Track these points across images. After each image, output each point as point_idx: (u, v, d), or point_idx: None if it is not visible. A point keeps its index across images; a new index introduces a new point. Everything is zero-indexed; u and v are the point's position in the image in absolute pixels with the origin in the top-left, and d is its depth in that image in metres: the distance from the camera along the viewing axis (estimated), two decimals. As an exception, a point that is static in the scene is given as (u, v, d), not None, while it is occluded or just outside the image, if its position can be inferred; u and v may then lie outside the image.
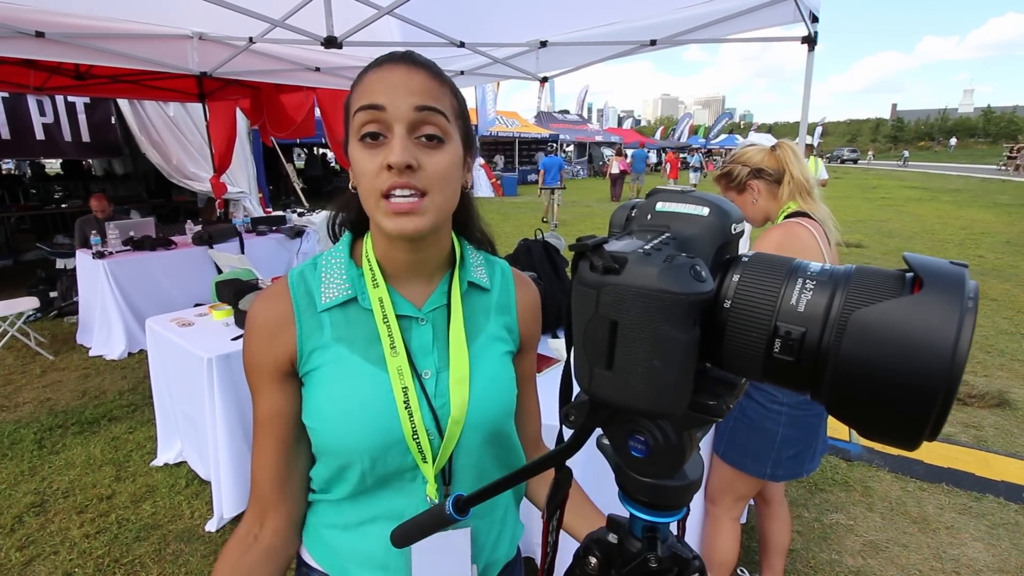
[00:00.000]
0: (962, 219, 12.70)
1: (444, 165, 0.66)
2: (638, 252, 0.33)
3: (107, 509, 2.55)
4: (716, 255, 0.36)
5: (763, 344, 0.33)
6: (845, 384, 0.30)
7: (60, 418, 3.39)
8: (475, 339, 0.77)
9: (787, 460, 1.63)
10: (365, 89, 0.66)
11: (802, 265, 0.34)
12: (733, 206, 0.38)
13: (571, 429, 0.41)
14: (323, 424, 0.71)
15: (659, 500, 0.42)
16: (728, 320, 0.34)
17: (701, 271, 0.32)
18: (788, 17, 2.74)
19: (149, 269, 4.54)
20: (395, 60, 0.67)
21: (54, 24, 2.99)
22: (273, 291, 0.74)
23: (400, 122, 0.64)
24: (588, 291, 0.34)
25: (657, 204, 0.38)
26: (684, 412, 0.35)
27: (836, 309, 0.31)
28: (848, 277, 0.32)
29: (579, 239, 0.34)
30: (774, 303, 0.32)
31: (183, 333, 2.65)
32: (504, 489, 0.50)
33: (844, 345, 0.29)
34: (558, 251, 2.60)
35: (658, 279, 0.31)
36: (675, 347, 0.32)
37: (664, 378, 0.33)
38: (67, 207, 8.07)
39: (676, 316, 0.32)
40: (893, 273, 0.32)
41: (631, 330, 0.32)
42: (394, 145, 0.63)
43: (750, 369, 0.34)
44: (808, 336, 0.31)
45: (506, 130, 21.80)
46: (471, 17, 3.23)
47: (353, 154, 0.67)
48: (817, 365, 0.31)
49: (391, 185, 0.63)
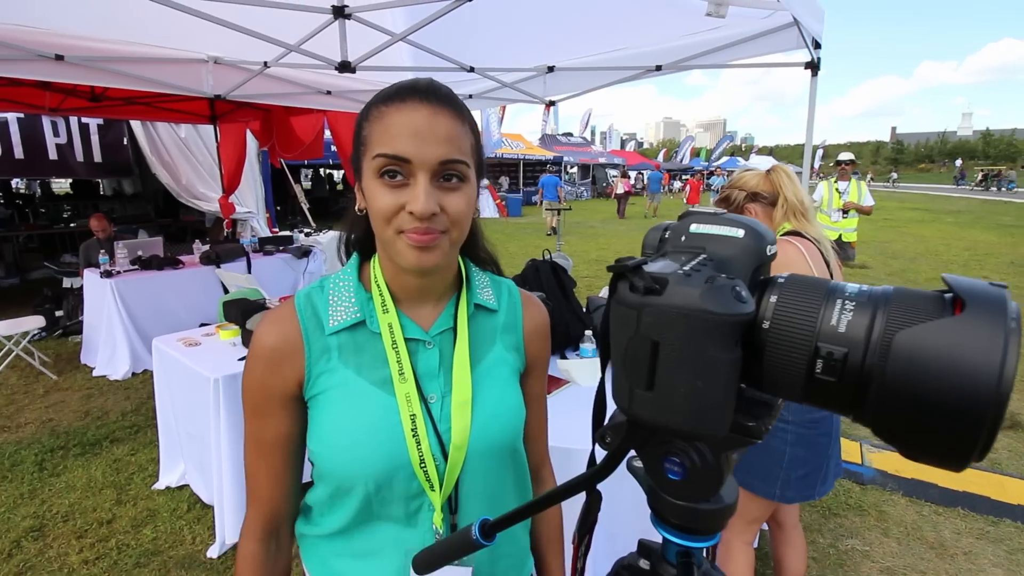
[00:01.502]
0: (965, 240, 12.69)
1: (465, 205, 0.67)
2: (678, 273, 0.33)
3: (107, 534, 2.51)
4: (752, 276, 0.36)
5: (804, 365, 0.33)
6: (891, 406, 0.30)
7: (62, 439, 3.36)
8: (480, 361, 0.77)
9: (797, 481, 1.62)
10: (387, 131, 0.64)
11: (839, 286, 0.34)
12: (767, 228, 0.38)
13: (605, 451, 0.41)
14: (329, 449, 0.70)
15: (694, 524, 0.42)
16: (767, 341, 0.34)
17: (742, 292, 0.33)
18: (791, 43, 2.79)
19: (156, 288, 4.56)
20: (418, 97, 0.65)
21: (74, 48, 3.07)
22: (280, 313, 0.73)
23: (425, 171, 0.64)
24: (628, 312, 0.34)
25: (691, 226, 0.39)
26: (725, 433, 0.35)
27: (878, 330, 0.31)
28: (887, 298, 0.32)
29: (618, 260, 0.34)
30: (814, 324, 0.33)
31: (189, 353, 2.65)
32: (532, 513, 0.50)
33: (890, 367, 0.29)
34: (566, 271, 2.61)
35: (701, 299, 0.32)
36: (718, 367, 0.32)
37: (707, 398, 0.33)
38: (75, 226, 8.15)
39: (719, 337, 0.32)
40: (932, 294, 0.32)
41: (673, 350, 0.33)
42: (418, 194, 0.63)
43: (790, 390, 0.34)
44: (851, 357, 0.31)
45: (511, 152, 22.05)
46: (481, 43, 3.30)
47: (369, 186, 0.67)
48: (860, 386, 0.31)
49: (412, 229, 0.64)
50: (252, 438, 0.74)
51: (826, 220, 6.27)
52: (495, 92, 4.12)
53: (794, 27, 2.66)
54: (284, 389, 0.71)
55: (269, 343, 0.71)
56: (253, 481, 0.76)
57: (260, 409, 0.72)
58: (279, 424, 0.73)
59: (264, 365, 0.71)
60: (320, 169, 18.36)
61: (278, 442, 0.73)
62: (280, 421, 0.73)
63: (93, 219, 5.24)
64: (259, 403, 0.72)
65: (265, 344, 0.71)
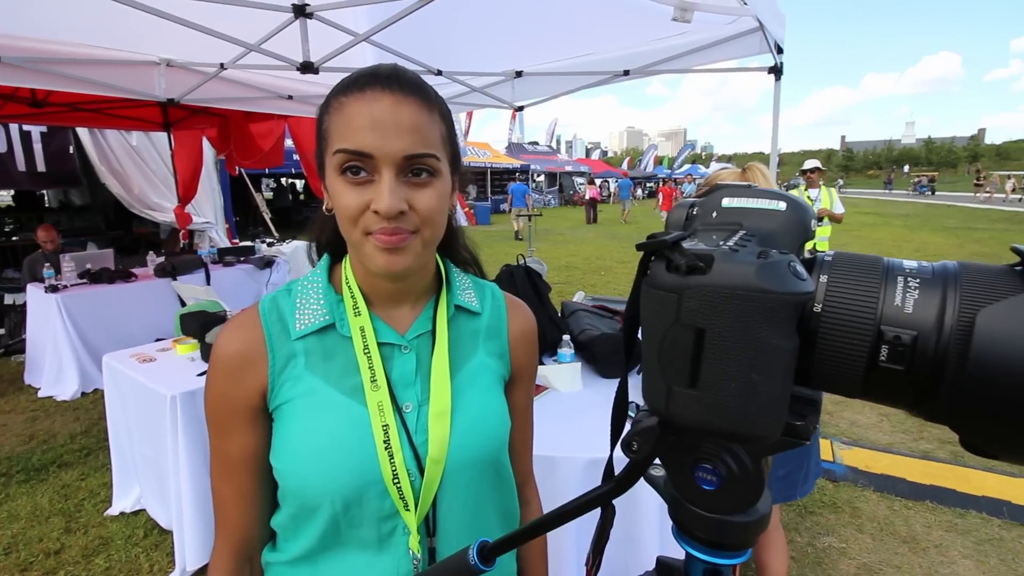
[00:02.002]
0: (915, 241, 13.32)
1: (434, 201, 0.62)
2: (724, 249, 0.28)
3: (55, 565, 2.32)
4: (798, 254, 0.32)
5: (865, 353, 0.28)
6: (975, 394, 0.26)
7: (3, 466, 3.12)
8: (462, 367, 0.71)
9: (777, 481, 1.61)
10: (348, 124, 0.59)
11: (896, 263, 0.30)
12: (805, 201, 0.34)
13: (631, 459, 0.35)
14: (291, 464, 0.63)
15: (725, 538, 0.37)
16: (820, 327, 0.29)
17: (799, 268, 0.28)
18: (755, 48, 2.85)
19: (106, 303, 4.31)
20: (380, 85, 0.59)
21: (9, 48, 2.86)
22: (242, 319, 0.67)
23: (389, 167, 0.59)
24: (666, 296, 0.29)
25: (723, 200, 0.34)
26: (779, 435, 0.30)
27: (953, 310, 0.27)
28: (956, 274, 0.28)
29: (651, 236, 0.29)
30: (875, 305, 0.28)
31: (144, 369, 2.49)
32: (538, 534, 0.44)
33: (974, 350, 0.25)
34: (540, 276, 2.57)
35: (756, 277, 0.27)
36: (778, 357, 0.27)
37: (764, 394, 0.28)
38: (18, 240, 7.67)
39: (779, 321, 0.27)
40: (1003, 268, 0.28)
41: (723, 339, 0.28)
42: (382, 192, 0.58)
43: (847, 383, 0.30)
44: (921, 340, 0.27)
45: (478, 160, 22.05)
46: (448, 46, 3.25)
47: (332, 184, 0.61)
48: (934, 374, 0.27)
49: (379, 230, 0.59)
50: (217, 458, 0.68)
51: None
52: (463, 97, 4.08)
53: (758, 32, 2.71)
54: (247, 401, 0.65)
55: (230, 351, 0.65)
56: (220, 506, 0.69)
57: (223, 424, 0.66)
58: (245, 440, 0.66)
59: (225, 375, 0.65)
60: (283, 179, 17.92)
61: (245, 460, 0.66)
62: (246, 437, 0.66)
63: (40, 230, 4.94)
64: (222, 418, 0.66)
65: (226, 352, 0.65)
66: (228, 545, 0.70)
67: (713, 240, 0.32)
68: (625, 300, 1.79)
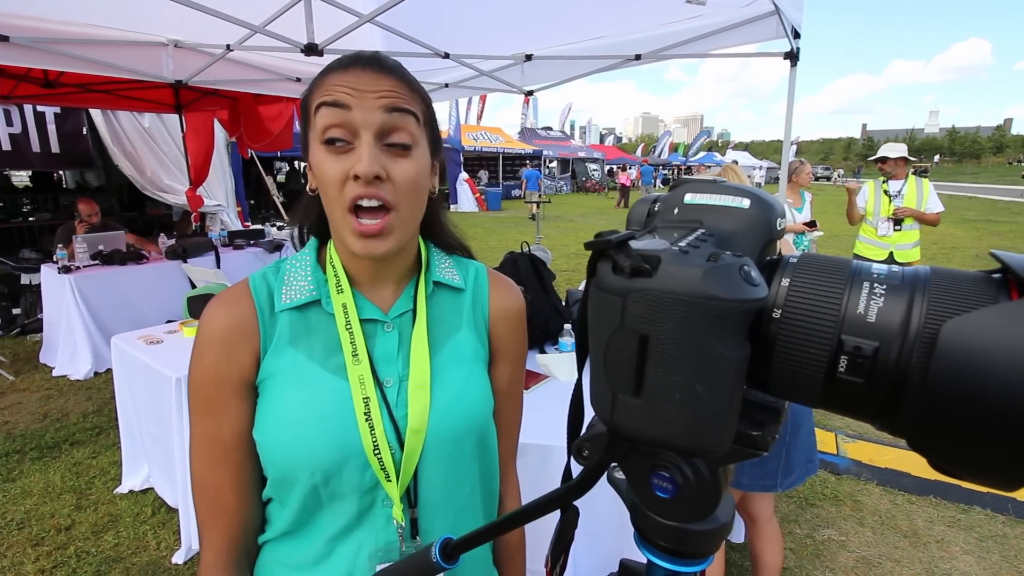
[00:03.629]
0: (933, 234, 12.99)
1: (413, 173, 0.63)
2: (672, 250, 0.27)
3: (65, 541, 2.39)
4: (759, 255, 0.30)
5: (824, 363, 0.27)
6: (935, 412, 0.24)
7: (18, 443, 3.19)
8: (445, 343, 0.71)
9: (751, 467, 1.59)
10: (328, 88, 0.61)
11: (864, 267, 0.28)
12: (775, 198, 0.32)
13: (582, 466, 0.34)
14: (272, 436, 0.63)
15: (686, 547, 0.36)
16: (779, 333, 0.28)
17: (752, 272, 0.26)
18: (771, 33, 2.77)
19: (118, 284, 4.36)
20: (362, 63, 0.62)
21: (19, 28, 2.87)
22: (232, 293, 0.67)
23: (368, 128, 0.61)
24: (611, 299, 0.27)
25: (685, 196, 0.32)
26: (728, 447, 0.29)
27: (918, 319, 0.25)
28: (925, 281, 0.26)
29: (598, 235, 0.28)
30: (837, 312, 0.27)
31: (151, 351, 2.52)
32: (500, 533, 0.43)
33: (935, 364, 0.24)
34: (545, 264, 2.55)
35: (702, 282, 0.25)
36: (724, 367, 0.26)
37: (709, 406, 0.26)
38: (35, 220, 7.79)
39: (725, 329, 0.25)
40: (978, 275, 0.26)
41: (667, 346, 0.26)
42: (361, 154, 0.60)
43: (805, 393, 0.28)
44: (882, 352, 0.25)
45: (490, 145, 21.89)
46: (456, 28, 3.20)
47: (315, 158, 0.62)
48: (894, 388, 0.25)
49: (356, 195, 0.60)
50: (204, 442, 0.65)
51: (871, 233, 4.36)
52: (471, 81, 4.03)
53: (774, 16, 2.63)
54: (240, 375, 0.64)
55: (221, 325, 0.64)
56: (214, 495, 0.65)
57: (215, 404, 0.64)
58: (240, 418, 0.64)
59: (218, 351, 0.64)
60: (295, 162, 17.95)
61: (239, 439, 0.64)
62: (240, 414, 0.64)
63: (81, 203, 4.92)
64: (212, 397, 0.64)
65: (216, 327, 0.64)
66: (225, 539, 0.66)
67: (674, 239, 0.30)
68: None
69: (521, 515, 0.40)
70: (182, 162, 5.89)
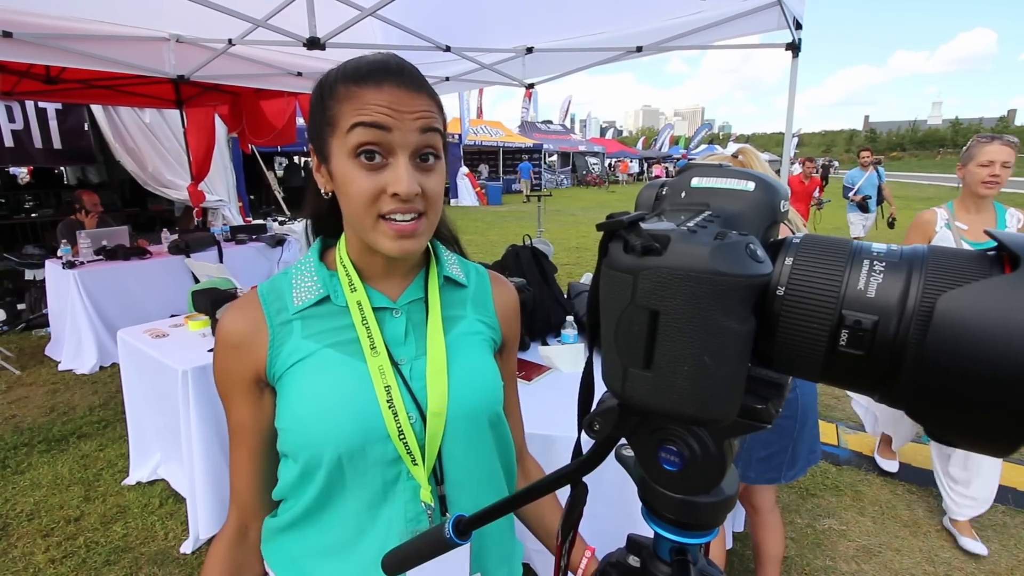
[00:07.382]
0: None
1: (440, 184, 0.68)
2: (681, 230, 0.28)
3: (75, 532, 2.42)
4: (763, 236, 0.31)
5: (825, 337, 0.28)
6: (931, 382, 0.25)
7: (26, 436, 3.22)
8: (452, 329, 0.76)
9: (759, 462, 1.60)
10: (363, 104, 0.62)
11: (864, 246, 0.29)
12: (779, 181, 0.33)
13: (593, 439, 0.36)
14: (295, 420, 0.67)
15: (692, 519, 0.37)
16: (782, 310, 0.29)
17: (757, 250, 0.28)
18: (772, 24, 2.76)
19: (122, 279, 4.38)
20: (394, 78, 0.63)
21: (22, 24, 2.87)
22: (243, 301, 0.73)
23: (405, 149, 0.63)
24: (623, 276, 0.29)
25: (692, 180, 0.34)
26: (734, 418, 0.30)
27: (915, 294, 0.26)
28: (923, 258, 0.28)
29: (610, 216, 0.29)
30: (838, 289, 0.28)
31: (157, 344, 2.54)
32: (511, 509, 0.45)
33: (931, 336, 0.25)
34: (546, 256, 2.56)
35: (710, 259, 0.27)
36: (730, 340, 0.27)
37: (716, 377, 0.28)
38: (37, 216, 7.80)
39: (731, 303, 0.27)
40: (974, 252, 0.28)
41: (676, 321, 0.27)
42: (401, 174, 0.62)
43: (807, 367, 0.29)
44: (881, 326, 0.27)
45: (490, 139, 21.84)
46: (457, 21, 3.20)
47: (342, 169, 0.64)
48: (892, 360, 0.27)
49: (394, 210, 0.63)
50: (230, 428, 0.74)
51: None
52: (473, 74, 4.02)
53: (776, 7, 2.63)
54: (247, 374, 0.70)
55: (232, 329, 0.71)
56: (230, 472, 0.76)
57: (229, 396, 0.72)
58: (248, 411, 0.72)
59: (228, 352, 0.71)
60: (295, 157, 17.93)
61: (246, 429, 0.73)
62: (248, 407, 0.72)
63: (84, 195, 4.95)
64: (228, 390, 0.72)
65: (228, 331, 0.71)
66: (233, 511, 0.77)
67: (681, 220, 0.31)
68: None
69: (530, 491, 0.42)
70: (183, 157, 5.89)
